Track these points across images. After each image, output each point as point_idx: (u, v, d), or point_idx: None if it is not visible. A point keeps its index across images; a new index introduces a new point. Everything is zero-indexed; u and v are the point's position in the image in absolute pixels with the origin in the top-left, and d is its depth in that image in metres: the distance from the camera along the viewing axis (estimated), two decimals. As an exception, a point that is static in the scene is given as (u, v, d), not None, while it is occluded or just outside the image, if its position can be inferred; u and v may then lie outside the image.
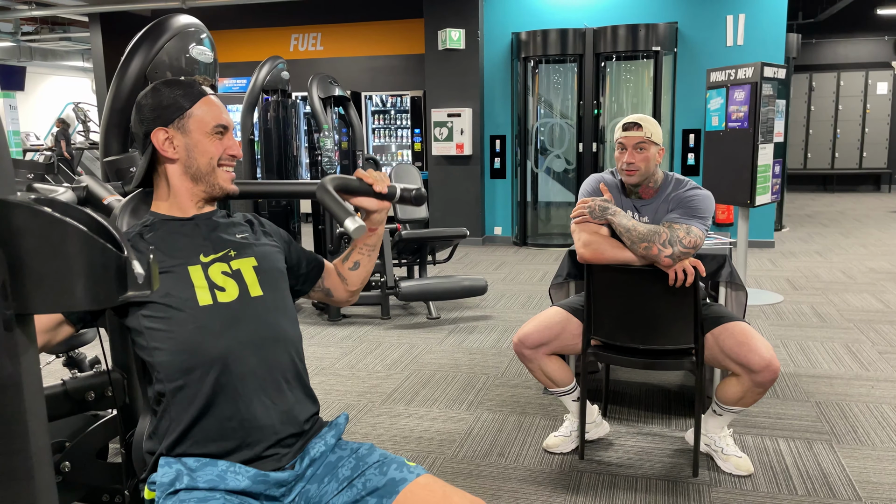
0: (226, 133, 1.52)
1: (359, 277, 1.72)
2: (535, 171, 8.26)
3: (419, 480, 1.38)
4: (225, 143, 1.51)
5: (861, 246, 7.46)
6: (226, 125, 1.52)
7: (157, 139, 1.47)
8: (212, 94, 1.53)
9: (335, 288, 1.73)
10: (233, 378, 1.38)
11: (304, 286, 1.69)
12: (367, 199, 1.58)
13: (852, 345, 4.17)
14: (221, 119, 1.51)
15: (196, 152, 1.48)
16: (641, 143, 2.55)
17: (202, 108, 1.49)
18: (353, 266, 1.71)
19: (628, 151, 2.56)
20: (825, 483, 2.59)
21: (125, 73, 2.11)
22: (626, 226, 2.50)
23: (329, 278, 1.72)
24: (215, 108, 1.51)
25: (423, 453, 2.91)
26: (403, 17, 9.13)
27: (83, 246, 0.67)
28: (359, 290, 1.76)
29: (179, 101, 1.48)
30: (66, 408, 1.87)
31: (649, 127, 2.56)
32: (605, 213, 2.56)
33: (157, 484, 1.33)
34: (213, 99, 1.52)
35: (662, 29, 7.43)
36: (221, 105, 1.54)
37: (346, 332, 4.71)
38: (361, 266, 1.71)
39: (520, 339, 2.70)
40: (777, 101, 4.57)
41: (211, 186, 1.51)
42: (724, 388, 2.58)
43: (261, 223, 1.63)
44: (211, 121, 1.49)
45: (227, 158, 1.51)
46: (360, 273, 1.72)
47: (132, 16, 9.88)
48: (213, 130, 1.49)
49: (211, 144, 1.49)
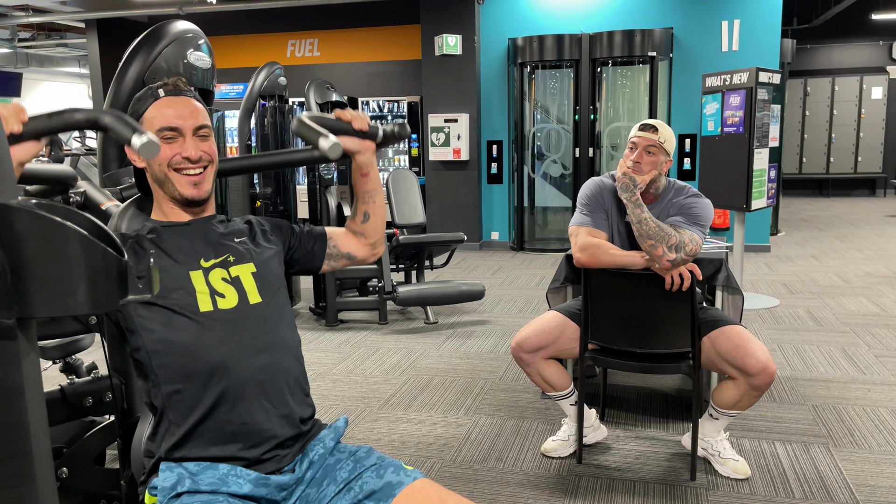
0: (179, 135, 1.43)
1: (374, 227, 1.69)
2: (532, 176, 8.28)
3: (415, 485, 1.38)
4: (175, 146, 1.43)
5: (857, 250, 7.49)
6: (174, 126, 1.42)
7: (130, 152, 1.46)
8: (177, 94, 1.45)
9: (354, 249, 1.69)
10: (233, 383, 1.38)
11: (316, 262, 1.66)
12: (348, 138, 1.54)
13: (848, 348, 4.18)
14: (171, 120, 1.42)
15: (151, 159, 1.43)
16: (653, 146, 2.56)
17: (152, 110, 1.44)
18: (364, 219, 1.68)
19: (638, 151, 2.57)
20: (822, 486, 2.59)
21: (123, 78, 2.12)
22: (638, 216, 2.49)
23: (343, 242, 1.68)
24: (167, 109, 1.43)
25: (421, 458, 2.91)
26: (400, 24, 9.15)
27: (84, 250, 0.67)
28: (379, 241, 1.71)
29: (138, 108, 1.45)
30: (63, 413, 1.87)
31: (664, 133, 2.57)
32: (626, 191, 2.53)
33: (158, 488, 1.33)
34: (169, 100, 1.44)
35: (658, 34, 7.46)
36: (181, 107, 1.44)
37: (344, 338, 4.71)
38: (372, 216, 1.68)
39: (517, 344, 2.70)
40: (772, 105, 4.59)
41: (171, 192, 1.46)
42: (721, 392, 2.59)
43: (260, 223, 1.62)
44: (158, 123, 1.42)
45: (180, 162, 1.43)
46: (373, 223, 1.68)
47: (129, 22, 9.89)
48: (156, 133, 1.40)
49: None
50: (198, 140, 1.45)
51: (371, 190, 1.65)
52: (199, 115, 1.46)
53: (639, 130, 2.60)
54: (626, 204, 2.52)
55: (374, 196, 1.66)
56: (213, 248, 1.48)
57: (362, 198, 1.66)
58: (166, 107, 1.44)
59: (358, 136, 1.55)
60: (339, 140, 1.44)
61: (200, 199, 1.48)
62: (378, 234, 1.71)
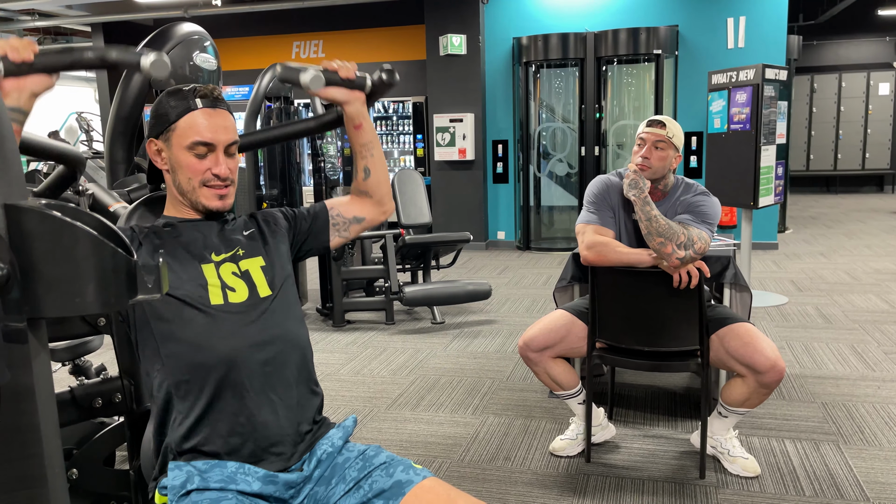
0: (211, 151, 1.43)
1: (376, 182, 1.67)
2: (538, 176, 8.27)
3: (424, 484, 1.38)
4: (207, 163, 1.42)
5: (865, 247, 7.45)
6: (208, 142, 1.42)
7: (150, 150, 1.48)
8: (212, 107, 1.44)
9: (360, 211, 1.68)
10: (241, 376, 1.39)
11: (323, 237, 1.65)
12: (335, 89, 1.53)
13: (858, 345, 4.16)
14: (203, 135, 1.41)
15: (177, 167, 1.44)
16: (661, 141, 2.55)
17: (187, 121, 1.42)
18: (365, 175, 1.67)
19: (646, 147, 2.57)
20: (833, 484, 2.58)
21: (129, 81, 2.13)
22: (648, 214, 2.48)
23: (347, 209, 1.67)
24: (202, 123, 1.42)
25: (429, 458, 2.91)
26: (405, 24, 9.15)
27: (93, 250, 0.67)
28: (386, 197, 1.70)
29: (169, 112, 1.43)
30: (73, 415, 1.88)
31: (672, 129, 2.57)
32: (634, 188, 2.53)
33: (168, 487, 1.34)
34: (206, 113, 1.42)
35: (663, 32, 7.44)
36: (217, 120, 1.43)
37: (351, 338, 4.72)
38: (372, 170, 1.66)
39: (525, 343, 2.70)
40: (779, 102, 4.57)
41: (194, 203, 1.47)
42: (730, 390, 2.58)
43: (262, 216, 1.62)
44: (191, 136, 1.41)
45: (211, 179, 1.44)
46: (375, 178, 1.67)
47: (135, 25, 9.93)
48: (190, 146, 1.41)
49: (189, 161, 1.42)
50: (227, 158, 1.46)
51: (367, 142, 1.64)
52: (231, 131, 1.46)
53: (647, 127, 2.59)
54: (634, 202, 2.52)
55: (371, 149, 1.65)
56: (223, 242, 1.50)
57: (360, 152, 1.65)
58: (200, 119, 1.42)
59: (345, 85, 1.54)
60: (328, 90, 1.48)
61: (223, 211, 1.50)
62: (382, 189, 1.69)
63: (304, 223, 1.64)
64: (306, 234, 1.65)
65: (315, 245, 1.66)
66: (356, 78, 1.55)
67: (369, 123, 1.63)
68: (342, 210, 1.67)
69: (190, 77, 2.17)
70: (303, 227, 1.64)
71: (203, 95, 1.44)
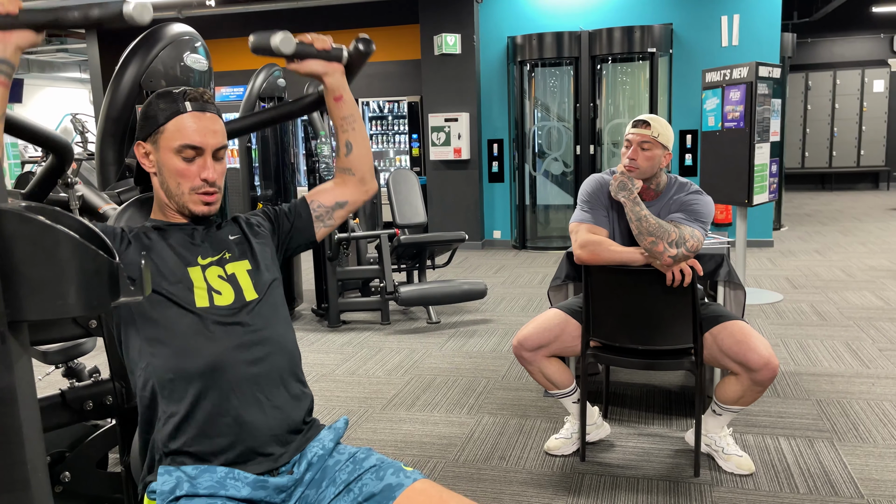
0: (199, 155, 1.42)
1: (358, 158, 1.66)
2: (533, 175, 8.27)
3: (415, 486, 1.38)
4: (195, 168, 1.42)
5: (860, 244, 7.47)
6: (196, 145, 1.41)
7: (138, 152, 1.48)
8: (201, 110, 1.43)
9: (342, 195, 1.67)
10: (226, 378, 1.38)
11: (308, 232, 1.65)
12: (313, 61, 1.55)
13: (852, 342, 4.16)
14: (192, 139, 1.41)
15: (165, 170, 1.44)
16: (647, 141, 2.55)
17: (175, 124, 1.41)
18: (347, 150, 1.66)
19: (633, 148, 2.57)
20: (827, 481, 2.58)
21: (120, 81, 2.12)
22: (637, 214, 2.49)
23: (327, 196, 1.67)
24: (190, 126, 1.41)
25: (424, 458, 2.90)
26: (399, 23, 9.14)
27: (74, 252, 0.67)
28: (368, 175, 1.68)
29: (158, 114, 1.43)
30: (64, 417, 1.87)
31: (658, 127, 2.57)
32: (623, 190, 2.54)
33: (157, 493, 1.33)
34: (195, 116, 1.42)
35: (657, 30, 7.45)
36: (206, 124, 1.43)
37: (346, 339, 4.71)
38: (354, 144, 1.66)
39: (519, 342, 2.70)
40: (773, 100, 4.58)
41: (180, 207, 1.47)
42: (724, 388, 2.58)
43: (245, 219, 1.61)
44: (179, 139, 1.41)
45: (201, 186, 1.44)
46: (357, 153, 1.66)
47: (129, 27, 9.90)
48: (177, 149, 1.41)
49: (176, 165, 1.42)
50: (215, 162, 1.45)
51: (348, 115, 1.64)
52: (220, 135, 1.46)
53: (632, 128, 2.60)
54: (623, 203, 2.52)
55: (353, 122, 1.65)
56: (210, 245, 1.50)
57: (341, 125, 1.65)
58: (189, 122, 1.42)
59: (322, 57, 1.55)
60: (306, 63, 1.52)
61: (209, 216, 1.50)
62: (365, 166, 1.68)
63: (287, 222, 1.64)
64: (290, 232, 1.64)
65: (302, 241, 1.66)
66: (332, 49, 1.56)
67: (349, 96, 1.62)
68: (322, 199, 1.67)
69: (181, 78, 2.16)
70: (286, 227, 1.64)
71: (192, 98, 1.44)
